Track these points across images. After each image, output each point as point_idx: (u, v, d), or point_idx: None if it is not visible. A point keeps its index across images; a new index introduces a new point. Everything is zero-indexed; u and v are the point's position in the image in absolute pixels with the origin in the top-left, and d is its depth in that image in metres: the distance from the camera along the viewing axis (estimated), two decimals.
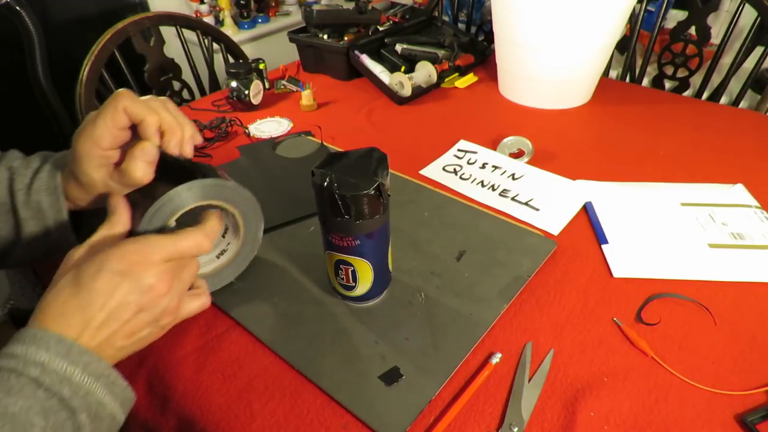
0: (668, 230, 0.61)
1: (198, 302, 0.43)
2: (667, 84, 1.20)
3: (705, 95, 1.12)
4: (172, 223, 0.42)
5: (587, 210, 0.65)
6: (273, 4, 2.12)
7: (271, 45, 2.01)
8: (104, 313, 0.36)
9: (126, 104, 0.42)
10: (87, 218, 0.51)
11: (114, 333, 0.37)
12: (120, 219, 0.42)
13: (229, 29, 1.92)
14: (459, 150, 0.80)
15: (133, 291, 0.36)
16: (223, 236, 0.50)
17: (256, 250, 0.52)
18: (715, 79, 1.08)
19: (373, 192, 0.41)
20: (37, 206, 0.47)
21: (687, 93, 1.19)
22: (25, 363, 0.33)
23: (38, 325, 0.35)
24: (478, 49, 1.14)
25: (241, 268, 0.52)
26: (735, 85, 1.07)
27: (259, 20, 2.03)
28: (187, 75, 1.21)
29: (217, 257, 0.50)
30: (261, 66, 1.00)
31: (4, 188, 0.47)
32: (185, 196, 0.42)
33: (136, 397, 0.39)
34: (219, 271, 0.50)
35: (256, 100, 0.95)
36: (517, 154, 0.78)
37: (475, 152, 0.79)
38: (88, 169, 0.44)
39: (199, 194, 0.43)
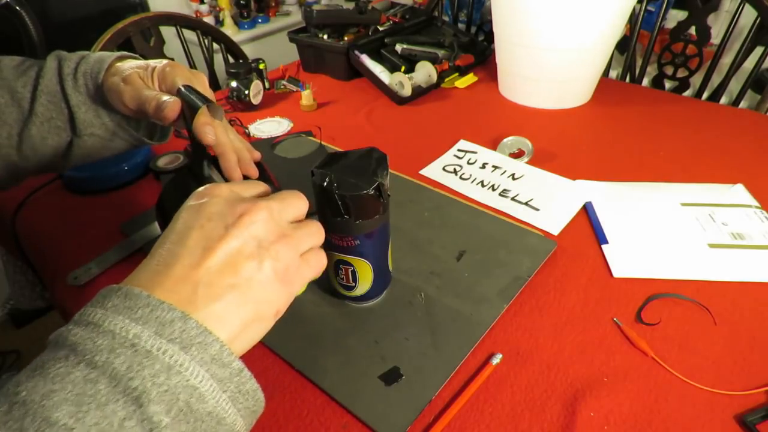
0: (668, 230, 0.61)
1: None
2: (667, 84, 1.20)
3: (705, 95, 1.12)
4: None
5: (587, 210, 0.65)
6: (273, 4, 2.12)
7: (271, 45, 2.01)
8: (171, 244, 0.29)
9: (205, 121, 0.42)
10: None
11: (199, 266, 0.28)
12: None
13: (229, 29, 1.92)
14: (459, 150, 0.80)
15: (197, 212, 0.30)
16: None
17: None
18: (715, 79, 1.08)
19: (372, 192, 0.41)
20: (86, 90, 0.46)
21: (687, 93, 1.19)
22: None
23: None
24: (478, 49, 1.14)
25: None
26: (735, 85, 1.07)
27: (259, 20, 2.03)
28: None
29: None
30: (261, 66, 1.00)
31: (55, 76, 0.47)
32: None
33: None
34: None
35: (256, 100, 0.95)
36: (517, 154, 0.78)
37: (475, 152, 0.79)
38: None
39: None
